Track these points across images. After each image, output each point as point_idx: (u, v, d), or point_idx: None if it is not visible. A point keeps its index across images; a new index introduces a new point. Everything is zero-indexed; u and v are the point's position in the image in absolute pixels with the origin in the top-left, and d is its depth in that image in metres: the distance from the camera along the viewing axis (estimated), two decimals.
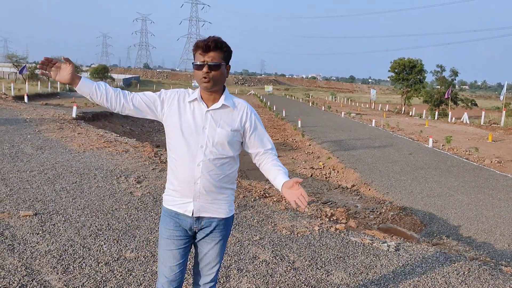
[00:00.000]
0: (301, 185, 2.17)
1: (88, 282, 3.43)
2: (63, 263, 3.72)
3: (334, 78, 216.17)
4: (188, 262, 2.44)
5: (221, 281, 3.62)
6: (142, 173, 7.23)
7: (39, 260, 3.75)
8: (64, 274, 3.53)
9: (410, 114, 38.73)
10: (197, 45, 2.13)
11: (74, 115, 14.77)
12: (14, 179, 6.33)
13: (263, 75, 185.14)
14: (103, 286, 3.39)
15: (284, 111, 28.58)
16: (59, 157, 8.07)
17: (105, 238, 4.35)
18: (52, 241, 4.17)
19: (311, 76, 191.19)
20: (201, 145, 2.17)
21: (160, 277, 2.33)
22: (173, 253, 2.28)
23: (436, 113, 35.82)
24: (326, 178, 11.48)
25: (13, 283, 3.31)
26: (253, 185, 7.31)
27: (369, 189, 9.53)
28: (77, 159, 8.01)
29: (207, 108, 2.20)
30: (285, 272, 3.89)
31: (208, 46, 2.09)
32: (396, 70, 47.27)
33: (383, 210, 8.05)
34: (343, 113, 32.02)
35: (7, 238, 4.16)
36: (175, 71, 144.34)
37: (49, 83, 34.89)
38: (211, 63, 2.11)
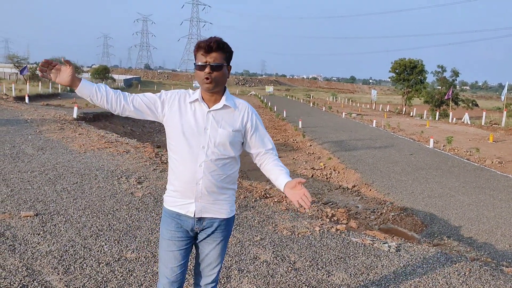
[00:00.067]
0: (303, 185, 2.17)
1: (89, 283, 3.43)
2: (64, 264, 3.72)
3: (335, 79, 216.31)
4: (189, 263, 2.44)
5: (222, 282, 3.62)
6: (143, 174, 7.23)
7: (40, 261, 3.75)
8: (65, 275, 3.53)
9: (411, 115, 38.74)
10: (199, 46, 2.12)
11: (75, 116, 14.79)
12: (15, 180, 6.34)
13: (264, 76, 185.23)
14: (104, 287, 3.39)
15: (285, 112, 28.59)
16: (60, 158, 8.08)
17: (106, 239, 4.35)
18: (53, 242, 4.18)
19: (312, 77, 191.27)
20: (203, 146, 2.17)
21: (161, 278, 2.32)
22: (174, 254, 2.27)
23: (437, 114, 35.82)
24: (327, 179, 11.48)
25: (14, 284, 3.31)
26: (254, 186, 7.31)
27: (370, 190, 9.53)
28: (78, 160, 8.01)
29: (209, 109, 2.20)
30: (286, 273, 3.89)
31: (210, 47, 2.09)
32: (397, 71, 47.29)
33: (384, 211, 8.04)
34: (344, 114, 32.01)
35: (8, 239, 4.17)
36: (176, 72, 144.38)
37: (50, 84, 34.96)
38: (213, 64, 2.10)
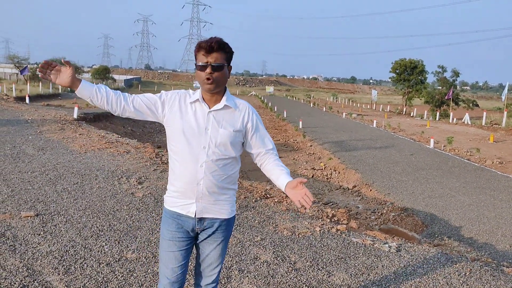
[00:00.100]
0: (304, 185, 2.17)
1: (90, 283, 3.43)
2: (65, 264, 3.72)
3: (335, 79, 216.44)
4: (190, 263, 2.44)
5: (222, 282, 3.62)
6: (143, 174, 7.23)
7: (41, 261, 3.75)
8: (66, 275, 3.53)
9: (412, 115, 38.71)
10: (200, 46, 2.11)
11: (76, 116, 14.79)
12: (16, 180, 6.34)
13: (264, 76, 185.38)
14: (105, 287, 3.40)
15: (285, 112, 28.57)
16: (61, 158, 8.09)
17: (107, 239, 4.35)
18: (54, 242, 4.18)
19: (312, 77, 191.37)
20: (204, 146, 2.17)
21: (162, 279, 2.32)
22: (175, 255, 2.27)
23: (438, 114, 35.82)
24: (327, 179, 11.47)
25: (15, 284, 3.31)
26: (254, 186, 7.31)
27: (370, 190, 9.52)
28: (79, 160, 8.02)
29: (209, 109, 2.20)
30: (286, 273, 3.89)
31: (212, 47, 2.08)
32: (398, 71, 47.28)
33: (384, 211, 8.04)
34: (344, 114, 32.00)
35: (9, 239, 4.17)
36: (176, 72, 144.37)
37: (51, 84, 34.97)
38: (215, 64, 2.09)
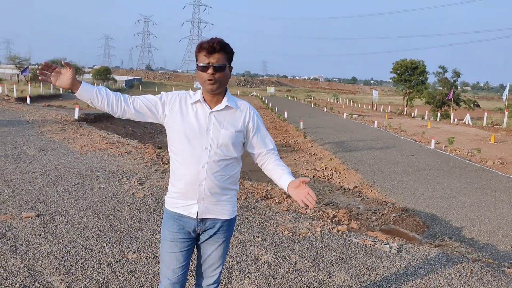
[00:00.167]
0: (307, 185, 2.16)
1: (90, 284, 3.43)
2: (65, 264, 3.72)
3: (336, 80, 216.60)
4: (190, 264, 2.44)
5: (223, 283, 3.62)
6: (144, 175, 7.23)
7: (42, 261, 3.75)
8: (66, 275, 3.53)
9: (412, 115, 38.68)
10: (201, 47, 2.10)
11: (76, 117, 14.80)
12: (17, 181, 6.35)
13: (265, 77, 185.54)
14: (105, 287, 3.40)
15: (286, 113, 28.55)
16: (62, 159, 8.09)
17: (107, 240, 4.35)
18: (55, 242, 4.18)
19: (313, 78, 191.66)
20: (206, 147, 2.17)
21: (163, 279, 2.32)
22: (176, 256, 2.27)
23: (439, 114, 35.78)
24: (328, 180, 11.46)
25: (16, 284, 3.32)
26: (255, 187, 7.31)
27: (371, 191, 9.52)
28: (79, 161, 8.02)
29: (211, 110, 2.19)
30: (287, 274, 3.89)
31: (214, 48, 2.07)
32: (398, 71, 47.23)
33: (385, 212, 8.04)
34: (345, 114, 31.98)
35: (10, 239, 4.17)
36: (177, 73, 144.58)
37: (52, 85, 34.96)
38: (216, 65, 2.09)
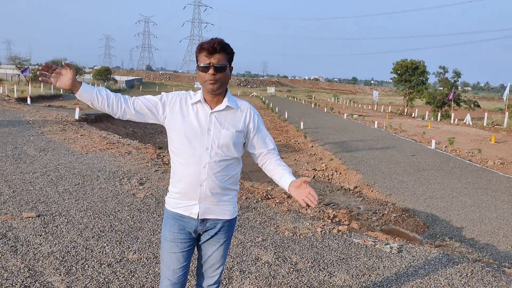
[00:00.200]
0: (308, 184, 2.16)
1: (91, 284, 3.43)
2: (66, 265, 3.73)
3: (337, 80, 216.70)
4: (191, 264, 2.44)
5: (224, 283, 3.62)
6: (145, 175, 7.24)
7: (42, 262, 3.75)
8: (67, 276, 3.53)
9: (413, 116, 38.69)
10: (202, 47, 2.10)
11: (77, 117, 14.81)
12: (17, 181, 6.35)
13: (266, 77, 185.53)
14: None
15: (287, 113, 28.56)
16: (62, 159, 8.10)
17: (108, 240, 4.35)
18: (55, 243, 4.18)
19: (314, 78, 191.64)
20: (207, 147, 2.16)
21: (163, 280, 2.32)
22: (177, 256, 2.27)
23: (439, 115, 35.77)
24: (329, 180, 11.47)
25: (16, 285, 3.32)
26: (256, 187, 7.31)
27: (372, 191, 9.51)
28: (80, 161, 8.03)
29: (211, 110, 2.19)
30: (288, 274, 3.89)
31: (214, 48, 2.07)
32: (399, 72, 47.24)
33: (386, 212, 8.04)
34: (346, 115, 31.98)
35: (10, 240, 4.17)
36: (178, 73, 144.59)
37: (52, 85, 34.98)
38: (217, 65, 2.09)
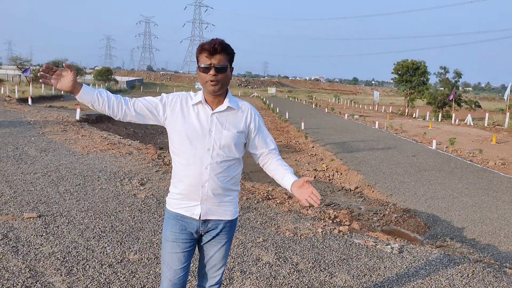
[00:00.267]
0: (310, 184, 2.16)
1: (92, 284, 3.43)
2: (67, 265, 3.73)
3: (337, 80, 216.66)
4: (192, 264, 2.44)
5: (225, 283, 3.62)
6: (146, 175, 7.24)
7: (43, 262, 3.76)
8: (68, 276, 3.54)
9: (414, 116, 38.67)
10: (203, 48, 2.10)
11: (78, 117, 14.82)
12: (18, 181, 6.36)
13: (266, 77, 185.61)
14: None
15: (287, 113, 28.56)
16: (63, 159, 8.10)
17: (109, 240, 4.36)
18: (56, 243, 4.19)
19: (314, 78, 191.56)
20: (208, 148, 2.16)
21: (164, 280, 2.32)
22: (178, 256, 2.27)
23: (440, 115, 35.72)
24: (330, 180, 11.46)
25: (17, 285, 3.32)
26: (256, 187, 7.31)
27: (373, 191, 9.51)
28: (81, 161, 8.03)
29: (212, 111, 2.19)
30: (289, 274, 3.89)
31: (215, 49, 2.07)
32: (400, 72, 47.21)
33: (387, 212, 8.03)
34: (346, 115, 31.98)
35: (11, 240, 4.18)
36: (179, 73, 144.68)
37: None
38: (218, 66, 2.09)
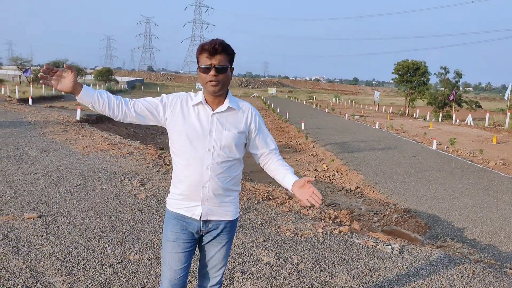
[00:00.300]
0: (311, 184, 2.16)
1: (92, 284, 3.43)
2: (67, 265, 3.73)
3: (338, 80, 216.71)
4: (192, 264, 2.44)
5: (225, 284, 3.62)
6: (146, 176, 7.24)
7: (44, 262, 3.76)
8: (68, 276, 3.54)
9: (414, 116, 38.64)
10: (203, 48, 2.10)
11: (78, 118, 14.83)
12: (19, 182, 6.36)
13: (267, 77, 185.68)
14: None
15: (288, 113, 28.55)
16: (64, 160, 8.11)
17: (109, 240, 4.36)
18: (57, 243, 4.19)
19: (315, 78, 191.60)
20: (209, 149, 2.16)
21: (164, 281, 2.32)
22: (179, 256, 2.26)
23: (440, 115, 35.68)
24: (330, 180, 11.46)
25: (18, 285, 3.32)
26: (257, 188, 7.31)
27: (373, 191, 9.51)
28: (81, 162, 8.04)
29: (213, 111, 2.19)
30: (289, 275, 3.89)
31: (216, 50, 2.07)
32: (400, 72, 47.14)
33: (387, 212, 8.03)
34: (347, 115, 31.98)
35: (12, 240, 4.18)
36: (179, 74, 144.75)
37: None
38: (219, 66, 2.09)
